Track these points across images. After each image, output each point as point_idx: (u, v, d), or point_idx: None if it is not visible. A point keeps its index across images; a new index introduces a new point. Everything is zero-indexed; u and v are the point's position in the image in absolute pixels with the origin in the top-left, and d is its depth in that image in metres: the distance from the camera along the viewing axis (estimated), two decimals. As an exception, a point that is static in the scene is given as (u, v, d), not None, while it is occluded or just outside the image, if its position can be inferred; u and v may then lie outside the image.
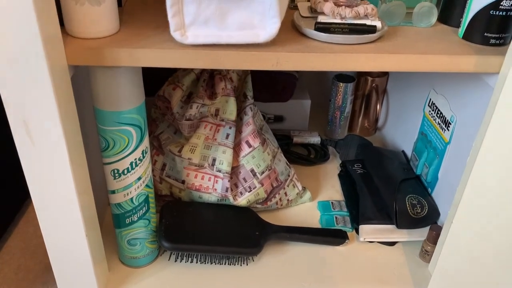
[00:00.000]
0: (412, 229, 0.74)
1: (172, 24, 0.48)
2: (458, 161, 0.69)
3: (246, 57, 0.50)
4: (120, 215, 0.62)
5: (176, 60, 0.49)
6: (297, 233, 0.73)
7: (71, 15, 0.48)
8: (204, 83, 0.74)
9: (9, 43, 0.42)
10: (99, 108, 0.55)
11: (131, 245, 0.65)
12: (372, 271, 0.70)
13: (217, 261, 0.69)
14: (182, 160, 0.73)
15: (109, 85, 0.53)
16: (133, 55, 0.49)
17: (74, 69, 0.51)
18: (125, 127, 0.55)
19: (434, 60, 0.52)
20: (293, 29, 0.57)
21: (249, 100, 0.76)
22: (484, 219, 0.60)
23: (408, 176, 0.80)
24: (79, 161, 0.53)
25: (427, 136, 0.79)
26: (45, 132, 0.48)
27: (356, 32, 0.52)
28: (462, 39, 0.56)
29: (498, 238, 0.61)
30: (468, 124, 0.67)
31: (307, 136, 0.96)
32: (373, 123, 1.01)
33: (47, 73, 0.44)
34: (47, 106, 0.46)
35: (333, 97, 0.96)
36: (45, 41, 0.43)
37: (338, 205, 0.81)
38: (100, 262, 0.63)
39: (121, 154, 0.57)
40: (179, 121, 0.72)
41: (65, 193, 0.52)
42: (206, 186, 0.73)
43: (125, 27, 0.54)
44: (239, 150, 0.74)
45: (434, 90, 0.77)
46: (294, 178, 0.81)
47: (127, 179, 0.59)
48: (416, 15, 0.59)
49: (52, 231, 0.56)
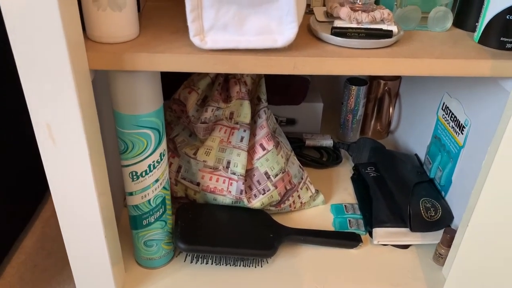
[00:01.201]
0: (426, 232, 0.74)
1: (191, 29, 0.49)
2: (472, 165, 0.69)
3: (263, 62, 0.51)
4: (138, 216, 0.63)
5: (195, 65, 0.50)
6: (311, 235, 0.74)
7: (93, 20, 0.49)
8: (219, 86, 0.74)
9: (35, 48, 0.43)
10: (119, 111, 0.56)
11: (148, 246, 0.66)
12: (385, 274, 0.70)
13: (232, 262, 0.70)
14: (197, 163, 0.74)
15: (128, 89, 0.54)
16: (153, 59, 0.49)
17: (94, 73, 0.52)
18: (144, 130, 0.56)
19: (451, 64, 0.52)
20: (309, 33, 0.57)
21: (263, 103, 0.77)
22: (500, 222, 0.60)
23: (421, 179, 0.80)
24: (99, 163, 0.54)
25: (441, 139, 0.79)
26: (67, 135, 0.49)
27: (372, 37, 0.53)
28: (478, 43, 0.56)
29: (513, 242, 0.61)
30: (483, 128, 0.67)
31: (320, 139, 0.96)
32: (385, 126, 1.02)
33: (71, 77, 0.45)
34: (70, 109, 0.47)
35: (346, 100, 0.97)
36: (69, 46, 0.44)
37: (351, 208, 0.82)
38: (118, 263, 0.64)
39: (140, 156, 0.58)
40: (195, 124, 0.73)
41: (85, 194, 0.53)
42: (220, 188, 0.74)
43: (144, 31, 0.55)
44: (253, 152, 0.75)
45: (448, 93, 0.77)
46: (307, 181, 0.82)
47: (145, 181, 0.60)
48: (431, 19, 0.59)
49: (72, 232, 0.57)
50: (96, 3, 0.47)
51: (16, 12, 0.41)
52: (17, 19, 0.42)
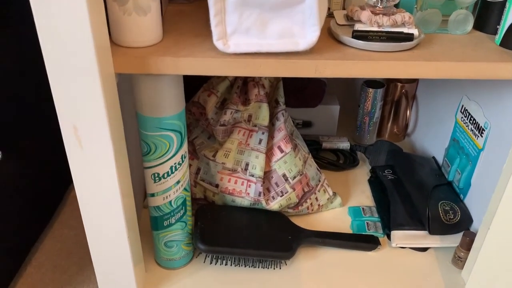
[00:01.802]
0: (445, 235, 0.74)
1: (215, 33, 0.50)
2: (492, 168, 0.69)
3: (285, 65, 0.51)
4: (159, 217, 0.64)
5: (218, 69, 0.51)
6: (329, 238, 0.74)
7: (118, 25, 0.50)
8: (238, 89, 0.75)
9: (65, 52, 0.44)
10: (142, 114, 0.57)
11: (168, 247, 0.67)
12: (404, 277, 0.70)
13: (251, 264, 0.70)
14: (216, 165, 0.74)
15: (152, 92, 0.55)
16: (177, 63, 0.50)
17: (118, 77, 0.53)
18: (166, 133, 0.57)
19: (472, 67, 0.52)
20: (330, 36, 0.58)
21: (281, 106, 0.77)
22: (521, 226, 0.59)
23: (440, 182, 0.80)
24: (123, 165, 0.55)
25: (459, 142, 0.79)
26: (94, 137, 0.50)
27: (393, 40, 0.53)
28: (500, 46, 0.56)
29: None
30: (503, 130, 0.67)
31: (336, 141, 0.96)
32: (402, 129, 1.02)
33: (98, 81, 0.46)
34: (97, 112, 0.48)
35: (362, 103, 0.97)
36: (97, 51, 0.45)
37: (369, 211, 0.82)
38: (139, 263, 0.65)
39: (162, 158, 0.59)
40: (214, 126, 0.74)
41: (110, 195, 0.54)
42: (239, 190, 0.74)
43: (166, 36, 0.55)
44: (271, 155, 0.76)
45: (467, 96, 0.77)
46: (325, 183, 0.82)
47: (167, 183, 0.61)
48: (452, 22, 0.59)
49: (96, 232, 0.58)
50: (122, 8, 0.48)
51: (47, 18, 0.42)
52: (48, 26, 0.43)
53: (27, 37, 0.72)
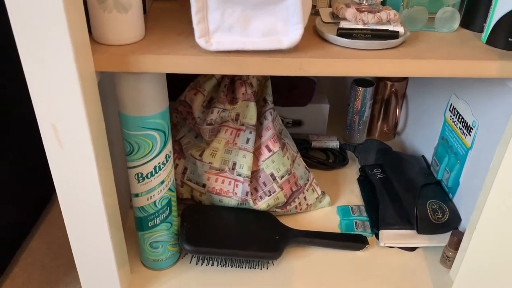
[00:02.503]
0: (433, 234, 0.74)
1: (197, 31, 0.49)
2: (480, 166, 0.69)
3: (269, 63, 0.50)
4: (143, 218, 0.63)
5: (200, 67, 0.50)
6: (317, 237, 0.73)
7: (99, 22, 0.49)
8: (225, 88, 0.74)
9: (41, 50, 0.43)
10: (124, 113, 0.56)
11: (153, 247, 0.66)
12: (392, 276, 0.70)
13: (238, 264, 0.70)
14: (203, 164, 0.74)
15: (134, 91, 0.54)
16: (159, 61, 0.49)
17: (100, 75, 0.53)
18: (149, 132, 0.56)
19: (458, 65, 0.52)
20: (315, 34, 0.57)
21: (269, 104, 0.77)
22: (508, 225, 0.59)
23: (428, 181, 0.80)
24: (105, 164, 0.54)
25: (448, 141, 0.79)
26: (73, 136, 0.49)
27: (378, 38, 0.53)
28: (486, 44, 0.55)
29: (522, 244, 0.61)
30: (491, 129, 0.66)
31: (326, 140, 0.96)
32: (392, 127, 1.01)
33: (76, 79, 0.45)
34: (76, 111, 0.47)
35: (352, 102, 0.96)
36: (75, 48, 0.44)
37: (357, 210, 0.81)
38: (123, 264, 0.64)
39: (145, 158, 0.58)
40: (200, 125, 0.73)
41: (91, 195, 0.53)
42: (226, 190, 0.74)
43: (150, 33, 0.55)
44: (259, 154, 0.75)
45: (455, 95, 0.77)
46: (313, 182, 0.81)
47: (151, 183, 0.60)
48: (438, 20, 0.59)
49: (78, 233, 0.57)
50: (102, 5, 0.48)
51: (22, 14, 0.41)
52: (23, 21, 0.42)
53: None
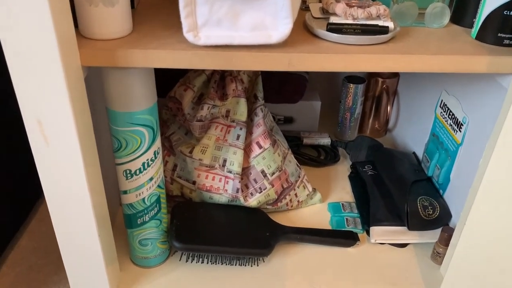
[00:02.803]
0: (424, 230, 0.74)
1: (185, 25, 0.48)
2: (470, 163, 0.69)
3: (258, 58, 0.50)
4: (132, 215, 0.63)
5: (188, 61, 0.50)
6: (308, 234, 0.73)
7: (85, 16, 0.48)
8: (215, 84, 0.74)
9: (25, 44, 0.43)
10: (112, 109, 0.55)
11: (143, 245, 0.66)
12: (383, 272, 0.70)
13: (228, 261, 0.69)
14: (193, 161, 0.73)
15: (121, 86, 0.53)
16: (146, 56, 0.49)
17: (87, 70, 0.52)
18: (137, 128, 0.56)
19: (447, 60, 0.51)
20: (305, 30, 0.57)
21: (260, 101, 0.76)
22: (497, 221, 0.59)
23: (419, 177, 0.80)
24: (92, 161, 0.54)
25: (439, 137, 0.79)
26: (59, 132, 0.48)
27: (368, 33, 0.52)
28: (475, 39, 0.55)
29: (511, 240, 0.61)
30: (481, 125, 0.66)
31: (317, 137, 0.95)
32: (383, 124, 1.01)
33: (61, 74, 0.44)
34: (62, 106, 0.47)
35: (343, 99, 0.96)
36: (60, 43, 0.43)
37: (348, 207, 0.81)
38: (112, 262, 0.63)
39: (134, 154, 0.57)
40: (190, 122, 0.73)
41: (78, 193, 0.53)
42: (217, 187, 0.73)
43: (138, 28, 0.54)
44: (250, 151, 0.75)
45: (446, 91, 0.77)
46: (305, 179, 0.81)
47: (139, 180, 0.59)
48: (428, 15, 0.58)
49: (65, 230, 0.56)
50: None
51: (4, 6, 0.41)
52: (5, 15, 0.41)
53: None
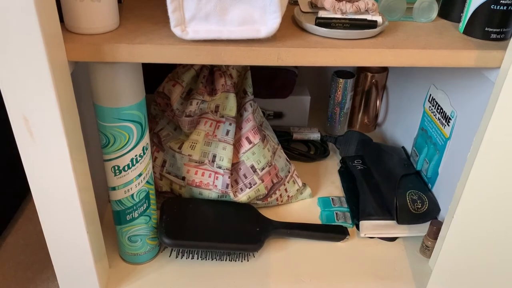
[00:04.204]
0: (413, 224, 0.74)
1: (172, 19, 0.48)
2: (458, 157, 0.69)
3: (247, 53, 0.50)
4: (121, 211, 0.62)
5: (176, 56, 0.49)
6: (298, 229, 0.73)
7: (71, 11, 0.48)
8: (204, 79, 0.73)
9: (9, 39, 0.42)
10: (99, 104, 0.54)
11: (132, 241, 0.65)
12: (372, 266, 0.70)
13: (218, 257, 0.69)
14: (182, 157, 0.73)
15: (109, 81, 0.52)
16: (133, 51, 0.48)
17: (74, 65, 0.51)
18: (125, 124, 0.55)
19: (435, 55, 0.52)
20: (294, 24, 0.57)
21: (249, 96, 0.76)
22: (485, 214, 0.60)
23: (408, 171, 0.80)
24: (80, 157, 0.53)
25: (427, 131, 0.79)
26: (46, 128, 0.48)
27: (356, 27, 0.52)
28: (463, 34, 0.56)
29: (499, 233, 0.61)
30: (469, 119, 0.67)
31: (307, 132, 0.96)
32: (373, 119, 1.01)
33: (47, 69, 0.44)
34: (48, 102, 0.46)
35: (333, 93, 0.96)
36: (45, 37, 0.42)
37: (338, 201, 0.81)
38: (101, 258, 0.63)
39: (122, 150, 0.57)
40: (179, 117, 0.72)
41: (65, 189, 0.52)
42: (206, 182, 0.73)
43: (125, 23, 0.53)
44: (239, 146, 0.74)
45: (434, 85, 0.77)
46: (294, 174, 0.81)
47: (128, 176, 0.59)
48: (416, 10, 0.58)
49: (52, 227, 0.56)
50: (74, -7, 0.46)
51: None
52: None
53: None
